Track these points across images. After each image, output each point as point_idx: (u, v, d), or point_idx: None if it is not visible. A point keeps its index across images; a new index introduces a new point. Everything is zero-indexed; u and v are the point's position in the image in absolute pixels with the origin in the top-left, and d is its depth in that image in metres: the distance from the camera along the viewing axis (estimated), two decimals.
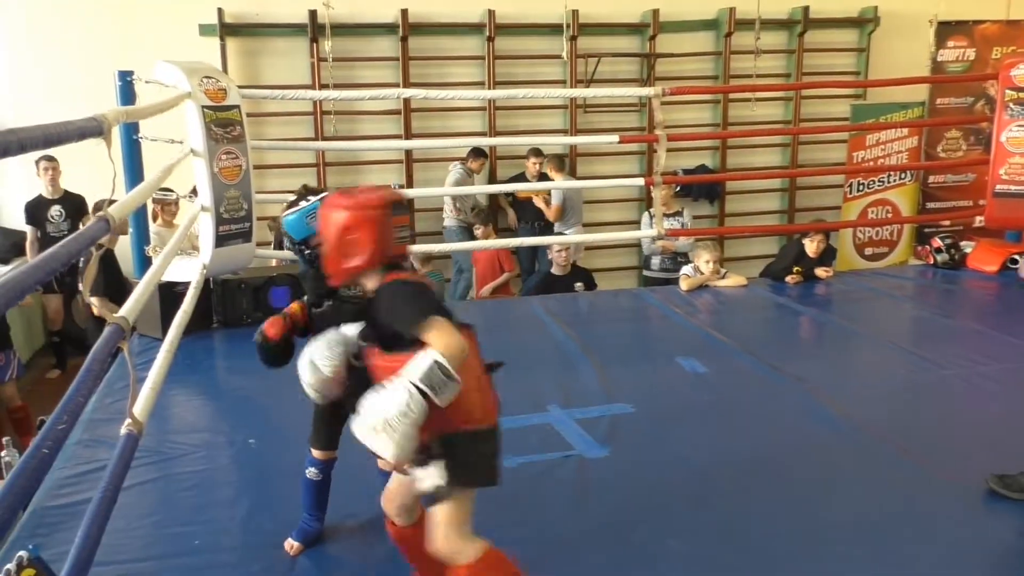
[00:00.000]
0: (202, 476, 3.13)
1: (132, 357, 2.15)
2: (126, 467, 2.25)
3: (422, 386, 1.84)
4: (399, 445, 1.86)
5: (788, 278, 5.99)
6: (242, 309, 4.99)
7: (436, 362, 1.85)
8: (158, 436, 3.40)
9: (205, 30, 7.31)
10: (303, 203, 2.57)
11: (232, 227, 4.76)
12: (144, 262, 4.72)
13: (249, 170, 4.83)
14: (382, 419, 1.85)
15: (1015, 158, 6.00)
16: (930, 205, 8.05)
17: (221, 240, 4.71)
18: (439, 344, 1.87)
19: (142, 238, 4.89)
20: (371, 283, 2.07)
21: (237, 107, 4.76)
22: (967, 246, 6.30)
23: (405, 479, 2.17)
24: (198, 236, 4.82)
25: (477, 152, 7.60)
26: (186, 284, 4.36)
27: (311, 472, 2.71)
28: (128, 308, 2.46)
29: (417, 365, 1.86)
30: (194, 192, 4.79)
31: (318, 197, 2.53)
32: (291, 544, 2.67)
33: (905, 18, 8.39)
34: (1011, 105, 5.99)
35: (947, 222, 7.71)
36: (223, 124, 4.65)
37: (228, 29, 7.37)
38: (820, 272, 6.07)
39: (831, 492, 2.89)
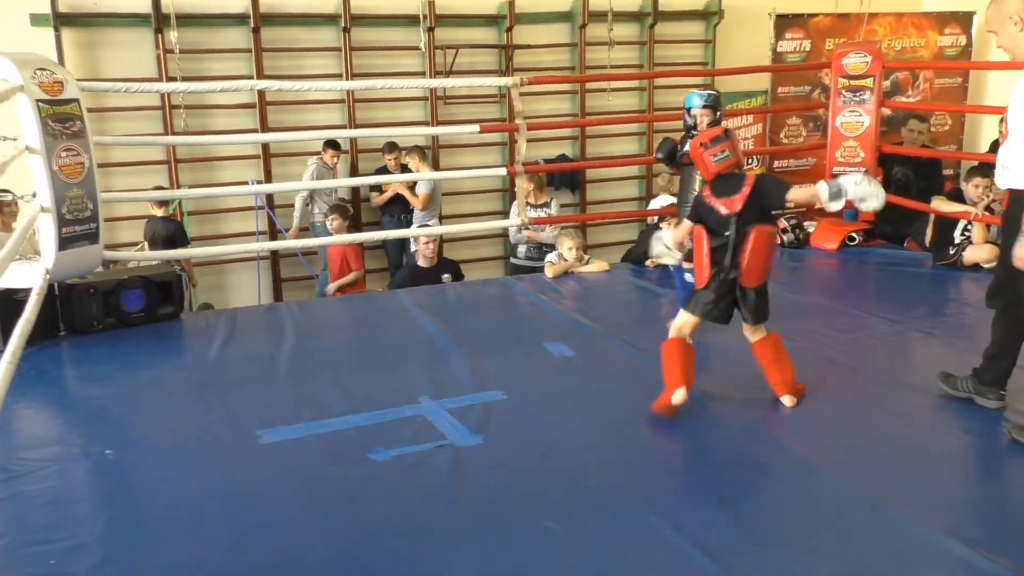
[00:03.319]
0: (55, 492, 2.95)
1: None
2: None
3: None
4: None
5: (648, 262, 6.19)
6: (92, 315, 4.71)
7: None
8: (4, 453, 3.18)
9: (37, 20, 6.86)
10: None
11: (76, 228, 4.49)
12: None
13: (93, 168, 4.57)
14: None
15: (849, 142, 6.42)
16: None
17: (65, 243, 4.44)
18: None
19: None
20: None
21: (76, 101, 4.49)
22: (810, 226, 6.68)
23: None
24: (39, 239, 4.53)
25: (330, 144, 7.43)
26: (27, 291, 4.08)
27: None
28: None
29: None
30: (35, 193, 4.49)
31: None
32: None
33: (747, 11, 8.82)
34: (843, 92, 6.40)
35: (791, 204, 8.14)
36: (61, 119, 4.38)
37: (63, 19, 6.94)
38: None
39: (698, 464, 3.02)
